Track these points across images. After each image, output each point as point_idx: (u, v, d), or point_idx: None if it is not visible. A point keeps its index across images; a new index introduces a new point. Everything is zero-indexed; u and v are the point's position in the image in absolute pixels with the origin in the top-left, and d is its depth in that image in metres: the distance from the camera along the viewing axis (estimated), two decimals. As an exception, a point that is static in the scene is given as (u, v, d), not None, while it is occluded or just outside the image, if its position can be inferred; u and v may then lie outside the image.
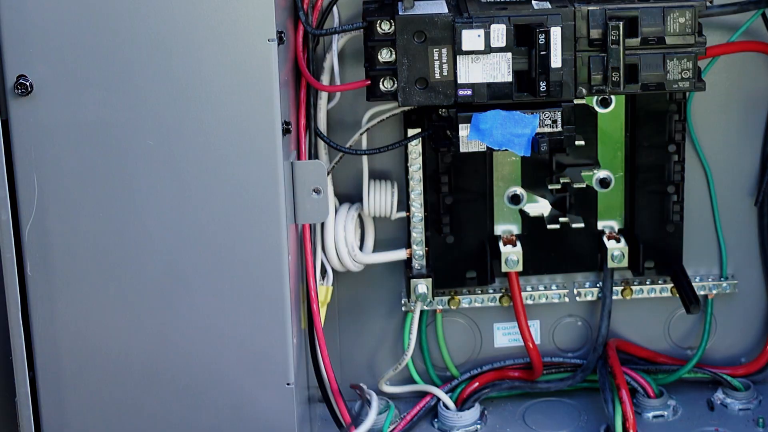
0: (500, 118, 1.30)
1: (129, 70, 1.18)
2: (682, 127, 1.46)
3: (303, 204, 1.30)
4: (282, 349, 1.26)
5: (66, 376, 1.25)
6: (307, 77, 1.34)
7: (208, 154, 1.20)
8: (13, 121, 1.19)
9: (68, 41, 1.17)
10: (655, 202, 1.48)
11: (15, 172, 1.20)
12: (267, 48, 1.18)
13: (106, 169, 1.20)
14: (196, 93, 1.19)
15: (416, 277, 1.48)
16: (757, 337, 1.57)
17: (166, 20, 1.17)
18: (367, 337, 1.55)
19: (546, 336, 1.57)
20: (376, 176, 1.48)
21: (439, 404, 1.51)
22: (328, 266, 1.45)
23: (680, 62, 1.31)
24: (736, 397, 1.52)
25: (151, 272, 1.23)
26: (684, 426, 1.50)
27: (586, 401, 1.54)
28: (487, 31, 1.28)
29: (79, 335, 1.24)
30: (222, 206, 1.22)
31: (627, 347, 1.55)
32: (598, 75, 1.31)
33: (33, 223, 1.21)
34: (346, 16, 1.40)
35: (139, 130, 1.19)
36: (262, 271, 1.24)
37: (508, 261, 1.47)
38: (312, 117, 1.37)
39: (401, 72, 1.30)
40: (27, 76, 1.17)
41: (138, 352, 1.25)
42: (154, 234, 1.22)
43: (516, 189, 1.48)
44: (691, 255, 1.52)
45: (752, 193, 1.52)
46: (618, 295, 1.53)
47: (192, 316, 1.25)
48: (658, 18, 1.30)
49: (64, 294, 1.23)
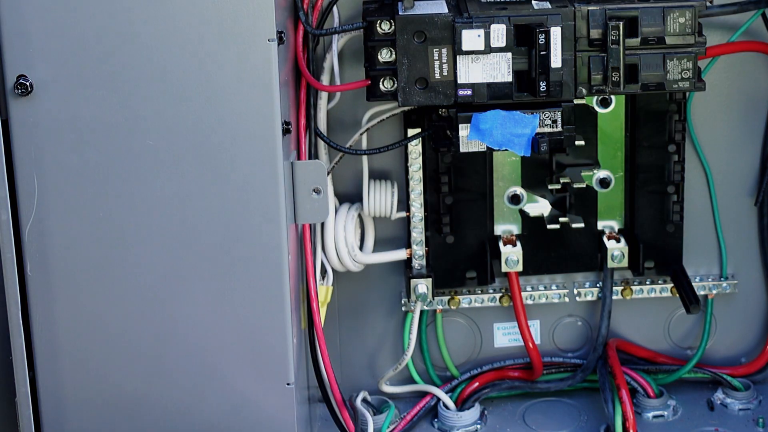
0: (500, 118, 1.30)
1: (129, 70, 1.18)
2: (682, 127, 1.46)
3: (303, 204, 1.30)
4: (282, 349, 1.26)
5: (66, 376, 1.25)
6: (307, 77, 1.34)
7: (208, 154, 1.20)
8: (13, 121, 1.19)
9: (68, 41, 1.17)
10: (655, 202, 1.48)
11: (15, 172, 1.20)
12: (267, 48, 1.18)
13: (106, 169, 1.20)
14: (196, 93, 1.19)
15: (416, 277, 1.48)
16: (757, 337, 1.57)
17: (166, 20, 1.17)
18: (367, 337, 1.55)
19: (546, 336, 1.57)
20: (376, 176, 1.48)
21: (439, 404, 1.51)
22: (328, 266, 1.45)
23: (680, 62, 1.31)
24: (736, 397, 1.52)
25: (151, 272, 1.23)
26: (684, 426, 1.49)
27: (586, 401, 1.54)
28: (487, 31, 1.28)
29: (79, 335, 1.24)
30: (222, 206, 1.22)
31: (627, 347, 1.55)
32: (598, 75, 1.31)
33: (33, 223, 1.21)
34: (346, 16, 1.40)
35: (139, 130, 1.19)
36: (262, 271, 1.24)
37: (508, 261, 1.47)
38: (312, 117, 1.37)
39: (401, 72, 1.30)
40: (27, 76, 1.17)
41: (138, 352, 1.25)
42: (153, 234, 1.22)
43: (516, 189, 1.48)
44: (691, 255, 1.52)
45: (752, 193, 1.52)
46: (618, 295, 1.53)
47: (192, 316, 1.25)
48: (658, 18, 1.30)
49: (64, 294, 1.23)
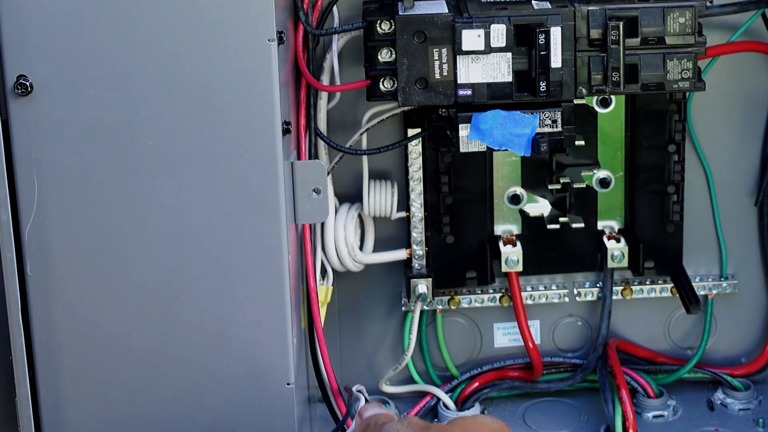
0: (500, 118, 1.31)
1: (129, 70, 1.18)
2: (682, 127, 1.46)
3: (303, 204, 1.30)
4: (282, 349, 1.26)
5: (66, 376, 1.25)
6: (307, 77, 1.34)
7: (208, 154, 1.20)
8: (13, 121, 1.19)
9: (68, 41, 1.17)
10: (655, 202, 1.48)
11: (15, 172, 1.20)
12: (267, 48, 1.18)
13: (106, 169, 1.20)
14: (196, 93, 1.19)
15: (416, 277, 1.47)
16: (757, 337, 1.57)
17: (166, 20, 1.17)
18: (367, 337, 1.55)
19: (546, 336, 1.57)
20: (376, 176, 1.48)
21: (439, 404, 1.51)
22: (328, 266, 1.45)
23: (680, 62, 1.31)
24: (736, 397, 1.52)
25: (150, 272, 1.23)
26: (684, 426, 1.49)
27: (586, 401, 1.54)
28: (487, 31, 1.28)
29: (79, 335, 1.24)
30: (222, 206, 1.22)
31: (627, 347, 1.55)
32: (598, 75, 1.31)
33: (33, 223, 1.21)
34: (346, 16, 1.40)
35: (139, 130, 1.19)
36: (262, 271, 1.23)
37: (508, 261, 1.47)
38: (312, 117, 1.37)
39: (401, 72, 1.30)
40: (27, 76, 1.17)
41: (138, 352, 1.25)
42: (153, 234, 1.22)
43: (516, 189, 1.48)
44: (691, 255, 1.52)
45: (752, 193, 1.52)
46: (618, 295, 1.53)
47: (192, 316, 1.24)
48: (658, 18, 1.30)
49: (64, 294, 1.23)
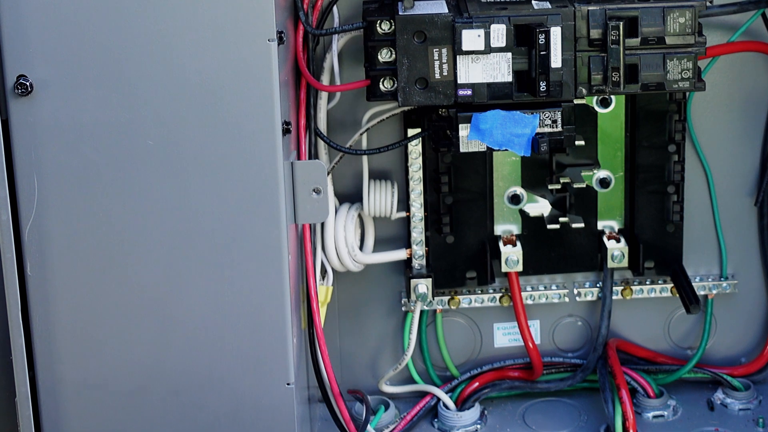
0: (500, 118, 1.30)
1: (129, 70, 1.18)
2: (682, 127, 1.46)
3: (303, 204, 1.30)
4: (282, 349, 1.26)
5: (66, 376, 1.25)
6: (307, 77, 1.34)
7: (208, 154, 1.20)
8: (13, 121, 1.19)
9: (68, 41, 1.17)
10: (655, 202, 1.48)
11: (15, 172, 1.20)
12: (267, 48, 1.18)
13: (106, 169, 1.20)
14: (195, 93, 1.19)
15: (416, 277, 1.47)
16: (757, 337, 1.57)
17: (166, 20, 1.17)
18: (367, 337, 1.55)
19: (546, 336, 1.57)
20: (376, 176, 1.48)
21: (439, 404, 1.51)
22: (328, 266, 1.45)
23: (680, 62, 1.31)
24: (736, 397, 1.52)
25: (150, 272, 1.23)
26: (684, 426, 1.49)
27: (586, 401, 1.54)
28: (487, 31, 1.28)
29: (79, 335, 1.24)
30: (222, 206, 1.22)
31: (627, 347, 1.55)
32: (598, 75, 1.31)
33: (33, 223, 1.21)
34: (346, 16, 1.40)
35: (139, 130, 1.19)
36: (262, 271, 1.23)
37: (508, 261, 1.47)
38: (312, 117, 1.37)
39: (401, 72, 1.30)
40: (27, 76, 1.17)
41: (138, 352, 1.25)
42: (153, 234, 1.22)
43: (516, 189, 1.48)
44: (691, 255, 1.52)
45: (752, 193, 1.52)
46: (618, 295, 1.53)
47: (192, 316, 1.24)
48: (658, 18, 1.30)
49: (63, 294, 1.23)
